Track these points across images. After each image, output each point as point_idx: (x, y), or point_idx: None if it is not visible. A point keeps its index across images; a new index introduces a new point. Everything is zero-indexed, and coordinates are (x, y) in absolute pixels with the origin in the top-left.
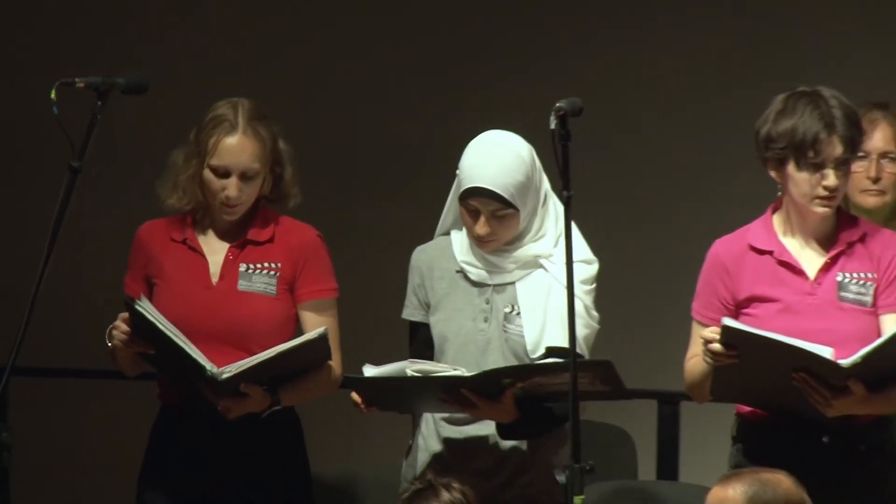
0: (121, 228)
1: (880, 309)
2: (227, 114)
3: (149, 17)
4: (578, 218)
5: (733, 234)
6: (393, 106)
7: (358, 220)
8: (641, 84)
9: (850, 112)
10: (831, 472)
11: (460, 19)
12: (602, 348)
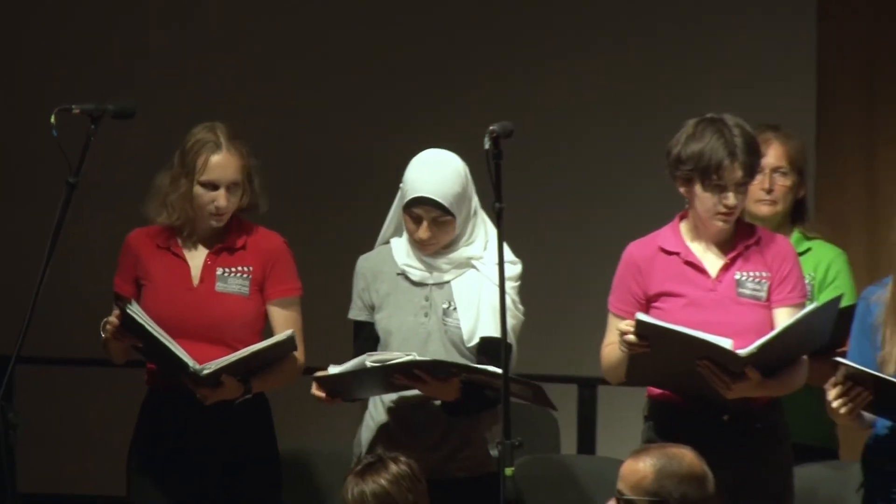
0: (110, 235)
1: (773, 304)
2: (209, 136)
3: (121, 49)
4: (508, 224)
5: (645, 237)
6: (344, 128)
7: (315, 228)
8: (562, 108)
9: (751, 139)
10: (730, 448)
11: (409, 46)
12: (528, 339)
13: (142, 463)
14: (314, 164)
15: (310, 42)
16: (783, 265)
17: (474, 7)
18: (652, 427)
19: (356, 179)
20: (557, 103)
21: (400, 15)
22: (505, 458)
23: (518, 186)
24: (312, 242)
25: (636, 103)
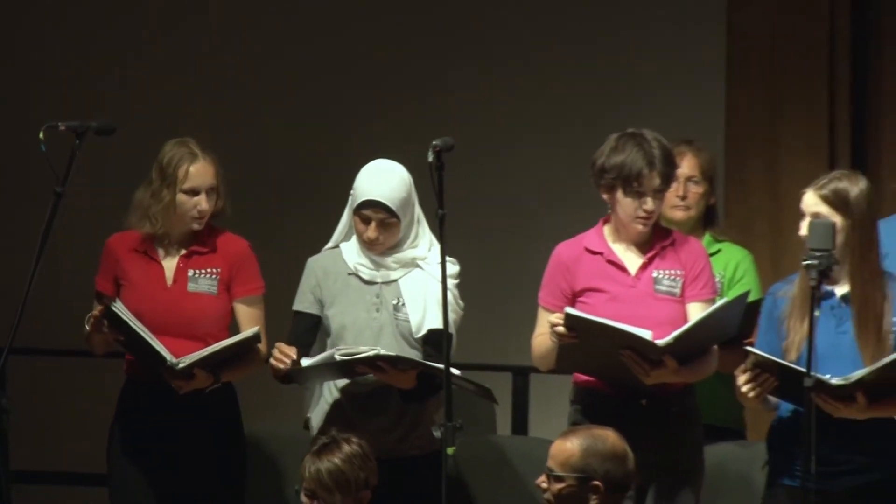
0: (91, 238)
1: (687, 299)
2: (184, 149)
3: (97, 68)
4: (448, 228)
5: (572, 239)
6: (300, 141)
7: (275, 232)
8: (499, 123)
9: (667, 151)
10: (648, 429)
11: (358, 64)
12: (468, 331)
13: (120, 444)
14: (273, 173)
15: (269, 56)
16: (696, 264)
17: (420, 27)
18: (578, 410)
19: (311, 187)
20: (496, 117)
21: (352, 29)
22: (447, 438)
23: (458, 194)
24: (272, 245)
25: (565, 117)
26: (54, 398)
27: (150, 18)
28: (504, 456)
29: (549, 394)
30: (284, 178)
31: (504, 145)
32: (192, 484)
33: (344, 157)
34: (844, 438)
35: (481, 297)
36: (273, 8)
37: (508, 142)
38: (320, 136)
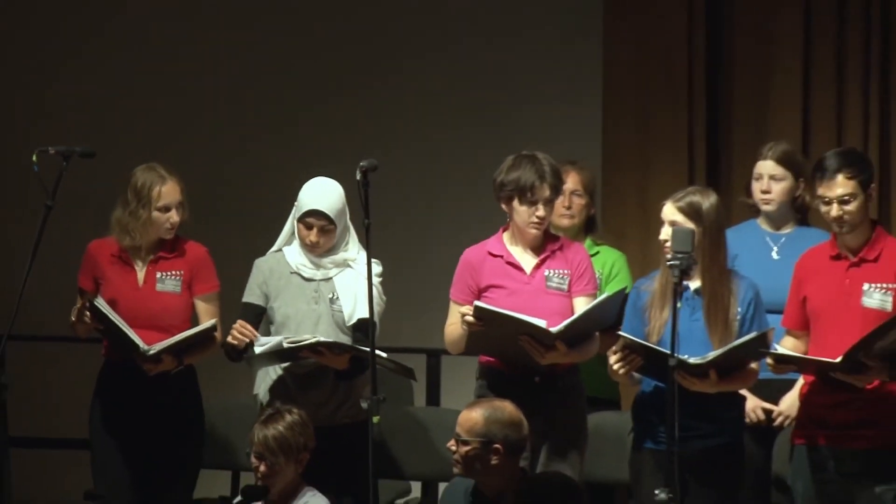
0: (75, 243)
1: (573, 294)
2: (153, 174)
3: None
4: (374, 235)
5: (478, 244)
6: (248, 162)
7: (228, 239)
8: (415, 144)
9: (555, 169)
10: (540, 401)
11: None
12: (390, 319)
13: (100, 415)
14: (228, 190)
15: (232, 92)
16: (580, 264)
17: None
18: (483, 386)
19: (259, 201)
20: (413, 139)
21: (295, 63)
22: (373, 409)
23: (381, 205)
24: (226, 250)
25: (469, 141)
26: (43, 376)
27: (118, 52)
28: (420, 424)
29: (457, 372)
30: (236, 194)
31: (418, 164)
32: (159, 448)
33: (283, 178)
34: (696, 409)
35: (401, 291)
36: (226, 50)
37: (412, 163)
38: (265, 160)
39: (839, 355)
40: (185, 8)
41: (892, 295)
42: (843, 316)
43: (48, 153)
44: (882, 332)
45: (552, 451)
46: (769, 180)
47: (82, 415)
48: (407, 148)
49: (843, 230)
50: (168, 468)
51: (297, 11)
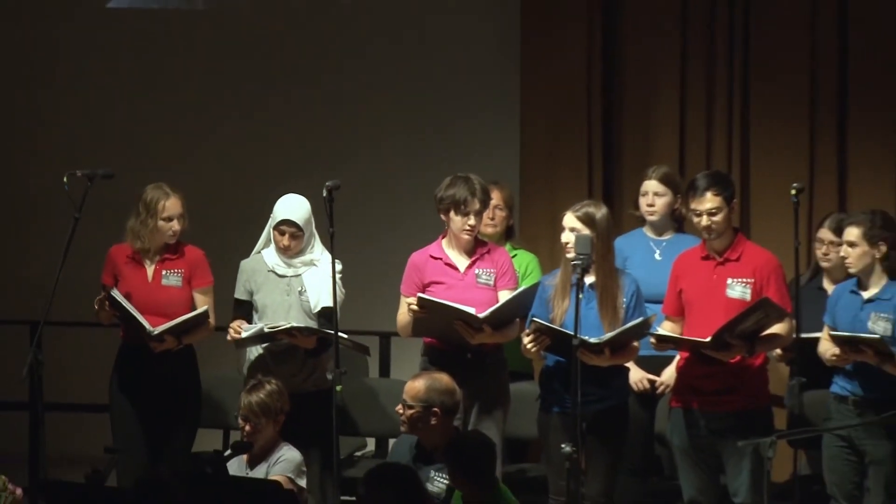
0: (99, 247)
1: (498, 288)
2: (160, 191)
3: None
4: (337, 239)
5: (422, 249)
6: (239, 181)
7: (220, 243)
8: (374, 164)
9: (484, 187)
10: (471, 373)
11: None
12: (350, 307)
13: (118, 384)
14: (220, 204)
15: (228, 130)
16: (504, 265)
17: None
18: (425, 361)
19: (243, 213)
20: (374, 159)
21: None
22: (336, 379)
23: (342, 215)
24: (218, 252)
25: (415, 164)
26: (72, 355)
27: (129, 84)
28: (374, 392)
29: (404, 350)
30: (225, 209)
31: (362, 182)
32: (164, 411)
33: (262, 194)
34: (591, 378)
35: (359, 285)
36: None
37: (364, 179)
38: (249, 181)
39: (708, 336)
40: (188, 53)
41: (750, 287)
42: (711, 304)
43: (76, 175)
44: (743, 317)
45: (481, 412)
46: (653, 196)
47: (103, 385)
48: (364, 167)
49: (711, 237)
50: (172, 427)
51: (279, 60)
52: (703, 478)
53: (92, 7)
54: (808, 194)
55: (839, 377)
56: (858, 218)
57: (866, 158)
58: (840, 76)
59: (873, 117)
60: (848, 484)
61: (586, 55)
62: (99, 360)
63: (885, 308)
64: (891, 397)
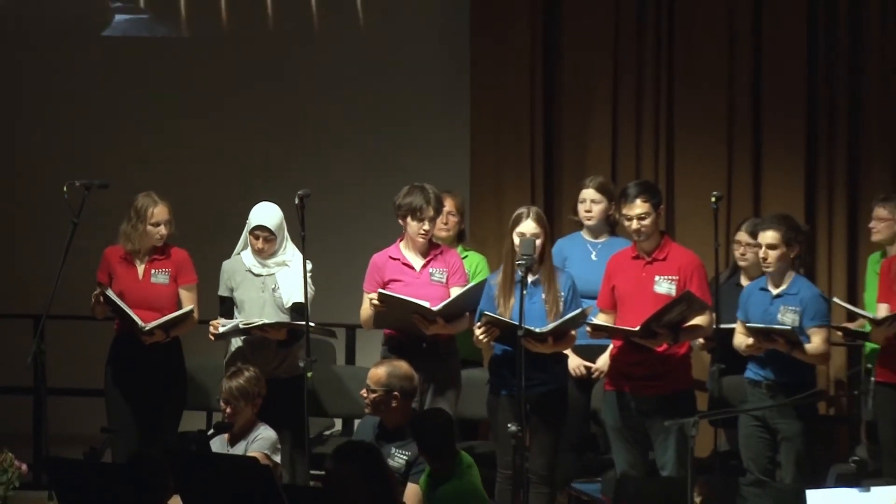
0: (95, 248)
1: (450, 285)
2: (148, 199)
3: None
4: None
5: (382, 251)
6: (219, 186)
7: (202, 246)
8: (343, 179)
9: (438, 195)
10: (426, 361)
11: None
12: (319, 303)
13: (112, 372)
14: (204, 211)
15: (213, 146)
16: (455, 264)
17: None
18: (386, 350)
19: (224, 219)
20: (339, 169)
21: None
22: (307, 367)
23: (310, 219)
24: (202, 253)
25: (372, 173)
26: (71, 344)
27: (122, 104)
28: (340, 378)
29: (367, 340)
30: (208, 215)
31: (329, 189)
32: (154, 395)
33: (241, 202)
34: (535, 364)
35: (327, 283)
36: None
37: (332, 189)
38: (229, 190)
39: (638, 326)
40: (173, 76)
41: (675, 284)
42: (641, 299)
43: (75, 185)
44: (668, 308)
45: (435, 394)
46: (590, 203)
47: (99, 373)
48: (330, 176)
49: (641, 239)
50: (160, 409)
51: (252, 83)
52: (633, 453)
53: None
54: (726, 200)
55: (752, 364)
56: (774, 223)
57: (777, 164)
58: (754, 90)
59: (782, 126)
60: (762, 459)
61: (529, 71)
62: (95, 350)
63: (793, 302)
64: (799, 381)
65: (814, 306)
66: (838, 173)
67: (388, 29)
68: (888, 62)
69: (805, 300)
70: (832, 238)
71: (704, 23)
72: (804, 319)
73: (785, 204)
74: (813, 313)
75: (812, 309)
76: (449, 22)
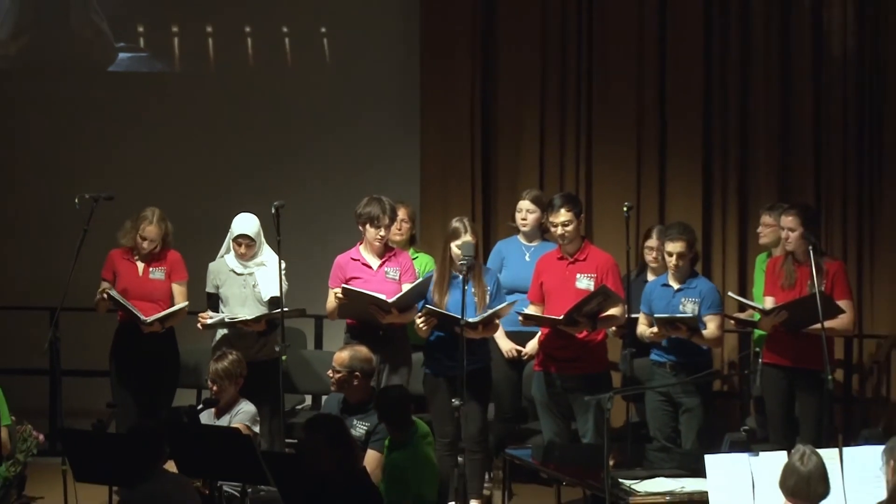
0: (101, 250)
1: (402, 282)
2: (150, 215)
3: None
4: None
5: (345, 253)
6: (202, 198)
7: (193, 249)
8: (312, 189)
9: (392, 205)
10: (382, 345)
11: None
12: (293, 296)
13: (116, 356)
14: (195, 219)
15: (203, 161)
16: (405, 264)
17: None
18: (348, 337)
19: (209, 228)
20: (308, 181)
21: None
22: (282, 351)
23: (286, 225)
24: (193, 254)
25: (333, 184)
26: (82, 332)
27: (127, 128)
28: (310, 361)
29: (333, 329)
30: (197, 223)
31: (301, 199)
32: (151, 375)
33: (226, 212)
34: (466, 347)
35: (299, 279)
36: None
37: (303, 198)
38: (217, 200)
39: (562, 315)
40: (168, 105)
41: (594, 280)
42: (564, 293)
43: (85, 197)
44: (587, 301)
45: (390, 372)
46: (526, 212)
47: (105, 356)
48: (302, 188)
49: (565, 242)
50: (157, 387)
51: (232, 108)
52: (558, 424)
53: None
54: (636, 209)
55: (657, 348)
56: (681, 235)
57: (679, 175)
58: (660, 111)
59: (683, 140)
60: (666, 428)
61: (470, 95)
62: (102, 337)
63: (692, 294)
64: (696, 362)
65: (710, 297)
66: (730, 182)
67: (349, 62)
68: (773, 79)
69: (703, 292)
70: (725, 240)
71: (616, 62)
72: (702, 308)
73: (685, 209)
74: (710, 303)
75: (709, 299)
76: (401, 54)
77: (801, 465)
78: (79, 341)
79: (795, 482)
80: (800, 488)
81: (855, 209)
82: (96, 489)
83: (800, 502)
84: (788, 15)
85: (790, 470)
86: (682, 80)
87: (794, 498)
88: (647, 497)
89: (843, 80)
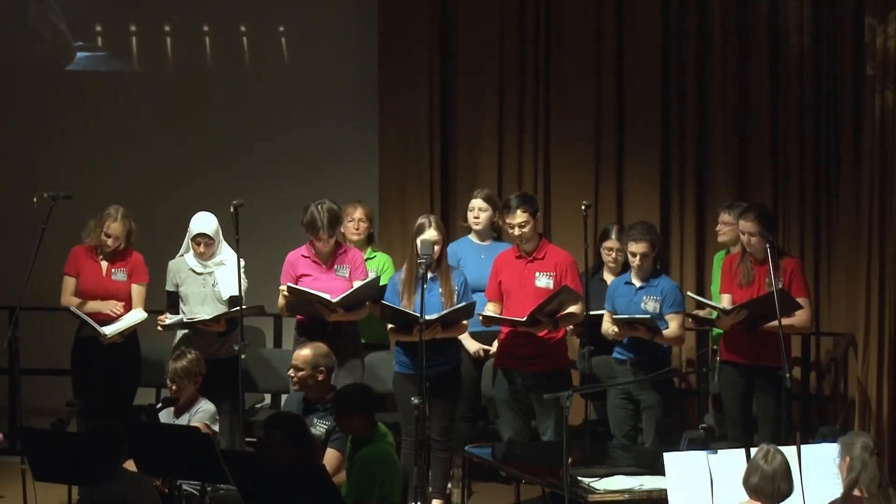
0: (63, 247)
1: (352, 279)
2: (113, 212)
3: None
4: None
5: (296, 250)
6: (161, 197)
7: (153, 249)
8: (272, 190)
9: (334, 214)
10: (332, 342)
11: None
12: (252, 294)
13: (77, 355)
14: (155, 218)
15: (163, 163)
16: (356, 261)
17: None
18: (297, 334)
19: (169, 228)
20: (265, 180)
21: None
22: (242, 350)
23: (244, 223)
24: (153, 253)
25: (287, 185)
26: (42, 331)
27: (85, 127)
28: (269, 359)
29: (292, 328)
30: (156, 222)
31: (257, 198)
32: (112, 375)
33: (184, 212)
34: (434, 348)
35: (257, 277)
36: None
37: (257, 196)
38: (169, 200)
39: (524, 316)
40: (127, 103)
41: (553, 278)
42: (523, 291)
43: (43, 196)
44: (549, 301)
45: (340, 366)
46: (479, 211)
47: (65, 355)
48: (258, 187)
49: (522, 242)
50: (117, 386)
51: (193, 109)
52: (518, 421)
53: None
54: (594, 208)
55: (618, 346)
56: (644, 235)
57: (636, 174)
58: (617, 110)
59: (641, 140)
60: (626, 426)
61: (427, 95)
62: (62, 336)
63: (654, 292)
64: (656, 360)
65: (672, 296)
66: (688, 181)
67: (308, 61)
68: (729, 79)
69: (665, 290)
70: (683, 239)
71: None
72: (664, 307)
73: (643, 208)
74: (671, 301)
75: (671, 298)
76: (361, 54)
77: (766, 464)
78: (38, 340)
79: (759, 480)
80: (763, 486)
81: (812, 207)
82: (56, 488)
83: (762, 500)
84: (745, 17)
85: (754, 468)
86: (640, 80)
87: (757, 496)
88: (606, 495)
89: (799, 80)
